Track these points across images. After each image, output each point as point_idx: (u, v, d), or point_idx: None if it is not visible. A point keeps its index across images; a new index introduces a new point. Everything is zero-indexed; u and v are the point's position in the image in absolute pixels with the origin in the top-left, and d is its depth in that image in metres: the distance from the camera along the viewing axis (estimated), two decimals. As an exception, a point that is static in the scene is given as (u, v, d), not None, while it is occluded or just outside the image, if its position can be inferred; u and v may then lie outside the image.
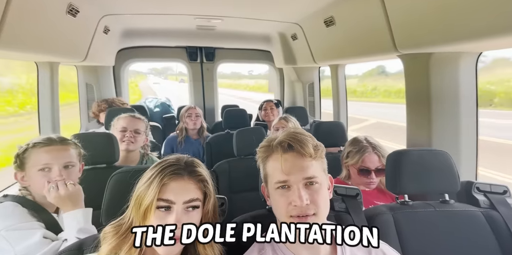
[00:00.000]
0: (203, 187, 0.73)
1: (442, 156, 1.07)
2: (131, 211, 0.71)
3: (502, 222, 0.96)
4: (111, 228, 0.71)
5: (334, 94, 2.80)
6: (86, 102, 2.95)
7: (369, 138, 1.45)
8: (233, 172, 1.81)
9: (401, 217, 1.00)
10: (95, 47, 2.28)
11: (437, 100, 1.36)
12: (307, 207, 0.68)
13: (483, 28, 1.01)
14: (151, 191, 0.68)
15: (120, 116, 1.65)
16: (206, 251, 0.74)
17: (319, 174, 0.72)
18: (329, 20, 1.98)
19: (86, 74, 2.91)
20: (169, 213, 0.68)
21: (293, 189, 0.69)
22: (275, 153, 0.74)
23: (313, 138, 0.75)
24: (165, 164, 0.72)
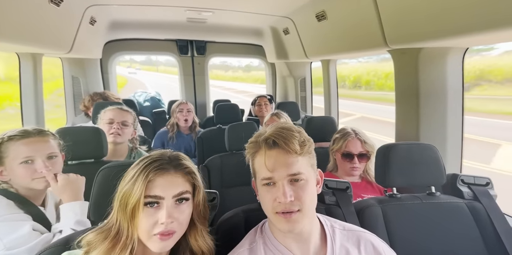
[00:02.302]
0: (192, 179, 0.72)
1: (429, 150, 1.10)
2: (117, 213, 0.68)
3: (484, 213, 1.00)
4: (97, 234, 0.68)
5: (325, 89, 2.81)
6: (72, 96, 2.86)
7: (354, 127, 1.53)
8: (225, 167, 1.81)
9: (389, 209, 1.03)
10: (81, 38, 2.21)
11: (425, 94, 1.38)
12: (292, 204, 0.67)
13: (470, 24, 1.03)
14: (137, 189, 0.65)
15: (107, 108, 1.62)
16: (198, 243, 0.74)
17: (305, 170, 0.71)
18: (320, 14, 1.97)
19: (72, 66, 2.82)
20: (159, 209, 0.66)
21: (277, 185, 0.69)
22: (261, 150, 0.73)
23: (301, 133, 0.74)
24: (149, 160, 0.69)
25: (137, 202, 0.65)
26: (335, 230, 0.78)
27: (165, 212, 0.65)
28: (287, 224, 0.68)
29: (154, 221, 0.65)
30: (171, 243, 0.68)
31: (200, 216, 0.75)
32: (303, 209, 0.68)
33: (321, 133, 1.84)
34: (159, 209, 0.66)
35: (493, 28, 0.97)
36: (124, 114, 1.60)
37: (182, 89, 3.76)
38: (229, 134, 1.78)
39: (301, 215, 0.68)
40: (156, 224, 0.65)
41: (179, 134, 2.60)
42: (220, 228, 0.89)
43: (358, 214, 1.02)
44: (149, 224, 0.65)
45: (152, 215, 0.66)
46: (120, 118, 1.57)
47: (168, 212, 0.65)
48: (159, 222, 0.65)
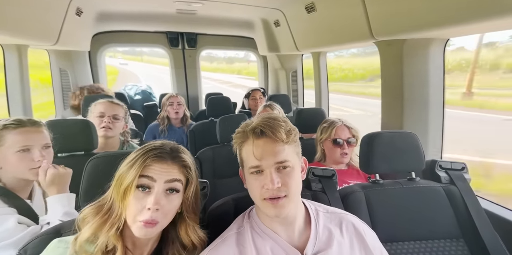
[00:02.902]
0: (186, 173, 0.74)
1: (410, 137, 1.15)
2: (112, 191, 0.71)
3: (458, 195, 1.07)
4: (91, 209, 0.71)
5: (316, 81, 2.85)
6: (61, 89, 2.82)
7: (339, 117, 1.62)
8: (217, 159, 1.84)
9: (372, 194, 1.08)
10: (67, 30, 2.17)
11: (409, 85, 1.43)
12: (279, 190, 0.71)
13: (450, 16, 1.07)
14: (133, 171, 0.68)
15: (98, 101, 1.60)
16: (189, 236, 0.76)
17: (291, 157, 0.74)
18: (310, 6, 1.99)
19: (59, 59, 2.77)
20: (148, 194, 0.68)
21: (265, 173, 0.72)
22: (249, 139, 0.75)
23: (287, 123, 0.77)
24: (150, 147, 0.72)
25: (130, 183, 0.67)
26: (319, 213, 0.82)
27: (154, 197, 0.67)
28: (275, 209, 0.71)
29: (142, 206, 0.68)
30: (154, 231, 0.70)
31: (190, 211, 0.76)
32: (289, 194, 0.72)
33: (312, 125, 1.88)
34: (149, 194, 0.69)
35: (471, 20, 1.01)
36: (115, 108, 1.58)
37: (173, 82, 3.73)
38: (221, 126, 1.81)
39: (287, 200, 0.71)
40: (143, 209, 0.68)
41: (170, 127, 2.60)
42: (211, 215, 0.92)
43: (343, 199, 1.07)
44: (136, 209, 0.68)
45: (141, 199, 0.68)
46: (111, 111, 1.56)
47: (156, 198, 0.68)
48: (146, 207, 0.67)
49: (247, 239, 0.75)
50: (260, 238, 0.76)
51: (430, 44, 1.39)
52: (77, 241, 0.68)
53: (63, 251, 0.67)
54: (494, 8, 0.91)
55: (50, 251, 0.68)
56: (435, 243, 1.03)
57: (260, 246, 0.74)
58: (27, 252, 0.74)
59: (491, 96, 5.79)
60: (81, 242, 0.67)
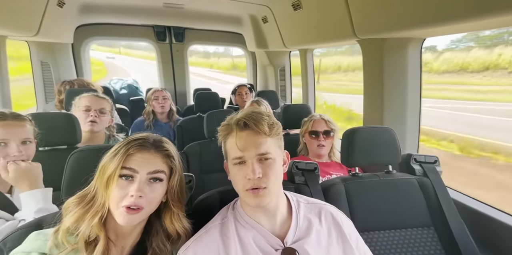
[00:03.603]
0: (169, 162, 0.75)
1: (387, 132, 1.21)
2: (96, 181, 0.72)
3: (430, 187, 1.14)
4: (74, 199, 0.72)
5: (303, 78, 2.89)
6: (42, 82, 2.74)
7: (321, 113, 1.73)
8: (204, 154, 1.86)
9: (351, 186, 1.14)
10: (49, 21, 2.11)
11: (389, 82, 1.50)
12: (260, 180, 0.74)
13: (426, 17, 1.13)
14: (116, 160, 0.69)
15: (83, 95, 1.57)
16: (174, 225, 0.77)
17: (273, 150, 0.76)
18: (296, 3, 2.02)
19: (40, 51, 2.68)
20: (131, 182, 0.69)
21: (247, 164, 0.75)
22: (233, 131, 0.77)
23: (270, 117, 0.80)
24: (133, 138, 0.73)
25: (113, 172, 0.68)
26: (300, 204, 0.86)
27: (136, 185, 0.68)
28: (255, 199, 0.74)
29: (124, 193, 0.69)
30: (137, 218, 0.70)
31: (175, 199, 0.77)
32: (269, 186, 0.75)
33: (298, 120, 1.93)
34: (132, 183, 0.69)
35: (446, 21, 1.07)
36: (101, 101, 1.56)
37: (160, 77, 3.68)
38: (208, 121, 1.82)
39: (267, 191, 0.75)
40: (126, 196, 0.68)
41: (156, 122, 2.58)
42: (196, 207, 0.95)
43: (324, 191, 1.12)
44: (119, 195, 0.68)
45: (124, 187, 0.69)
46: (97, 105, 1.53)
47: (139, 186, 0.68)
48: (129, 194, 0.68)
49: (231, 229, 0.78)
50: (243, 228, 0.78)
51: (408, 44, 1.45)
52: (59, 231, 0.68)
53: (42, 244, 0.67)
54: (466, 11, 0.97)
55: (28, 243, 0.67)
56: (408, 231, 1.10)
57: (243, 235, 0.77)
58: (7, 245, 0.74)
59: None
60: (63, 231, 0.68)
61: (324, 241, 0.80)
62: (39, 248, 0.66)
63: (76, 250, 0.67)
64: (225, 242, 0.76)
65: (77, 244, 0.67)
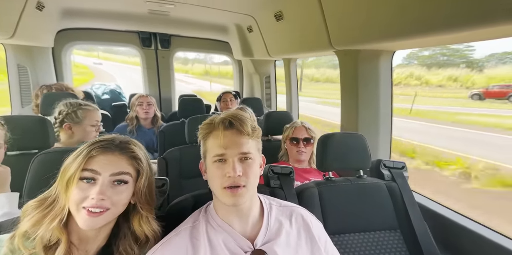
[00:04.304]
0: (136, 164, 0.74)
1: (359, 139, 1.27)
2: (57, 184, 0.70)
3: (397, 191, 1.20)
4: (34, 202, 0.69)
5: (287, 86, 2.97)
6: (18, 86, 2.66)
7: (302, 120, 1.79)
8: (184, 159, 1.85)
9: (324, 190, 1.18)
10: (26, 24, 2.06)
11: (363, 90, 1.58)
12: (239, 179, 0.75)
13: (395, 30, 1.20)
14: (77, 162, 0.66)
15: (88, 108, 1.54)
16: (142, 227, 0.76)
17: (253, 151, 0.79)
18: (278, 14, 2.09)
19: (17, 54, 2.60)
20: (93, 185, 0.67)
21: (228, 162, 0.76)
22: (216, 130, 0.79)
23: (252, 120, 0.83)
24: (96, 140, 0.72)
25: (73, 174, 0.66)
26: (272, 207, 0.89)
27: (98, 188, 0.66)
28: (233, 198, 0.75)
29: (85, 195, 0.66)
30: (100, 221, 0.68)
31: (143, 202, 0.76)
32: (248, 185, 0.77)
33: (280, 127, 1.97)
34: (93, 185, 0.67)
35: (412, 35, 1.15)
36: (100, 114, 1.59)
37: (145, 83, 3.65)
38: (190, 127, 1.82)
39: (245, 190, 0.76)
40: (86, 198, 0.66)
41: (139, 128, 2.56)
42: (170, 211, 0.95)
43: (298, 195, 1.15)
44: (79, 197, 0.66)
45: (84, 190, 0.67)
46: (100, 118, 1.57)
47: (101, 189, 0.66)
48: (90, 197, 0.66)
49: (201, 232, 0.79)
50: (214, 230, 0.79)
51: (380, 55, 1.54)
52: (15, 236, 0.65)
53: None
54: (430, 26, 1.04)
55: None
56: (376, 234, 1.15)
57: (213, 238, 0.78)
58: None
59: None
60: (19, 236, 0.65)
61: (293, 242, 0.82)
62: None
63: (34, 254, 0.64)
64: (194, 245, 0.76)
65: (34, 249, 0.64)
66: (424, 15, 1.03)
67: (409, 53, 10.62)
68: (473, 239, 1.13)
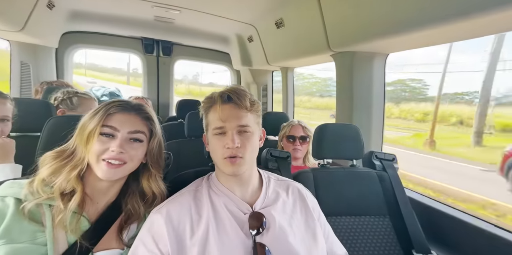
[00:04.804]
0: (149, 125, 0.79)
1: (353, 129, 1.33)
2: (75, 138, 0.73)
3: (388, 180, 1.26)
4: (52, 153, 0.72)
5: (283, 95, 3.08)
6: (19, 82, 2.69)
7: (299, 120, 1.83)
8: (182, 152, 1.87)
9: (319, 174, 1.22)
10: (35, 20, 2.11)
11: (357, 89, 1.68)
12: (237, 150, 0.78)
13: (388, 30, 1.31)
14: (96, 118, 0.70)
15: (84, 96, 1.53)
16: (151, 185, 0.80)
17: (252, 124, 0.81)
18: (279, 22, 2.24)
19: (22, 51, 2.65)
20: (112, 139, 0.71)
21: (228, 134, 0.80)
22: (215, 104, 0.81)
23: (252, 95, 0.86)
24: (113, 100, 0.76)
25: (93, 129, 0.70)
26: (271, 180, 0.93)
27: (118, 141, 0.70)
28: (232, 167, 0.78)
29: (105, 148, 0.70)
30: (118, 173, 0.71)
31: (154, 161, 0.80)
32: (245, 156, 0.80)
33: (276, 127, 2.02)
34: (113, 139, 0.71)
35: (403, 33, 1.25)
36: (97, 105, 1.59)
37: (144, 88, 3.73)
38: (189, 121, 1.86)
39: (243, 161, 0.79)
40: (107, 150, 0.70)
41: None
42: (172, 182, 0.97)
43: (294, 178, 1.19)
44: (100, 149, 0.70)
45: (105, 143, 0.71)
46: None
47: (120, 143, 0.71)
48: (110, 150, 0.70)
49: (204, 195, 0.82)
50: (216, 195, 0.83)
51: (374, 57, 1.65)
52: (34, 181, 0.68)
53: (17, 191, 0.67)
54: (418, 23, 1.14)
55: (3, 189, 0.67)
56: (366, 218, 1.18)
57: (215, 200, 0.81)
58: None
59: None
60: (38, 180, 0.68)
61: (289, 210, 0.85)
62: (14, 194, 0.66)
63: (51, 199, 0.68)
64: (197, 205, 0.79)
65: (52, 194, 0.68)
66: (412, 16, 1.14)
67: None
68: (454, 224, 1.19)
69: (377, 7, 1.28)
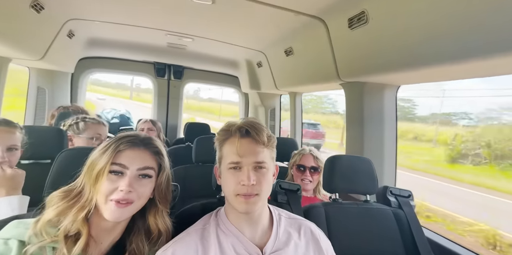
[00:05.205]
0: (159, 159, 0.78)
1: (366, 163, 1.29)
2: (83, 177, 0.72)
3: (405, 219, 1.19)
4: (59, 193, 0.71)
5: (291, 119, 3.08)
6: (35, 106, 2.77)
7: (311, 147, 1.77)
8: (188, 178, 1.84)
9: (331, 210, 1.17)
10: (56, 49, 2.21)
11: (368, 119, 1.65)
12: (253, 188, 0.76)
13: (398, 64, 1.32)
14: (106, 156, 0.70)
15: (89, 121, 1.57)
16: (157, 221, 0.78)
17: (268, 160, 0.80)
18: (288, 50, 2.29)
19: (39, 77, 2.75)
20: (121, 178, 0.71)
21: (243, 170, 0.78)
22: (233, 137, 0.80)
23: (268, 129, 0.86)
24: (122, 136, 0.76)
25: (103, 168, 0.69)
26: (281, 218, 0.89)
27: (127, 180, 0.70)
28: (246, 205, 0.76)
29: (114, 187, 0.70)
30: (126, 214, 0.71)
31: (162, 196, 0.79)
32: (261, 193, 0.78)
33: (284, 154, 1.99)
34: (122, 177, 0.71)
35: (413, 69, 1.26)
36: (105, 129, 1.62)
37: (154, 109, 3.81)
38: (197, 146, 1.85)
39: (258, 198, 0.77)
40: (115, 190, 0.70)
41: None
42: (178, 216, 0.94)
43: (305, 213, 1.14)
44: (109, 189, 0.69)
45: (114, 182, 0.70)
46: (105, 133, 1.59)
47: (129, 181, 0.70)
48: (119, 189, 0.69)
49: (212, 234, 0.79)
50: (224, 234, 0.79)
51: (384, 88, 1.65)
52: (39, 222, 0.67)
53: (22, 232, 0.65)
54: (431, 61, 1.14)
55: (8, 230, 0.66)
56: None
57: (223, 241, 0.77)
58: None
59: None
60: (44, 222, 0.66)
61: (301, 253, 0.80)
62: (18, 236, 0.64)
63: (55, 242, 0.66)
64: (204, 246, 0.76)
65: (56, 236, 0.66)
66: (424, 51, 1.15)
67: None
68: None
69: (389, 41, 1.30)
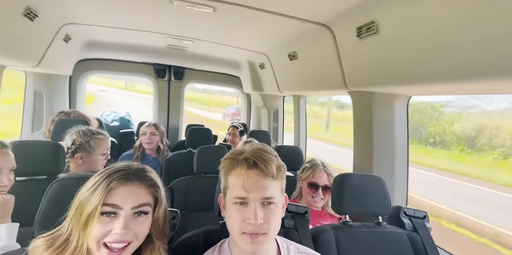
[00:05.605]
0: (154, 192, 0.71)
1: (378, 182, 1.23)
2: (70, 221, 0.66)
3: (420, 243, 1.13)
4: (42, 242, 0.65)
5: (295, 122, 3.00)
6: (32, 111, 2.70)
7: (323, 159, 1.65)
8: (190, 190, 1.79)
9: (341, 235, 1.11)
10: (52, 54, 2.14)
11: (377, 132, 1.56)
12: (260, 227, 0.70)
13: (410, 77, 1.24)
14: (96, 197, 0.63)
15: (101, 137, 1.55)
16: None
17: (276, 194, 0.75)
18: (292, 55, 2.20)
19: (36, 81, 2.67)
20: (115, 219, 0.64)
21: (250, 206, 0.71)
22: (239, 168, 0.75)
23: (277, 158, 0.78)
24: (112, 170, 0.69)
25: (93, 210, 0.63)
26: (290, 252, 0.83)
27: (122, 222, 0.63)
28: (252, 245, 0.70)
29: (107, 230, 0.63)
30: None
31: (159, 231, 0.73)
32: (269, 233, 0.72)
33: (289, 162, 1.92)
34: (115, 219, 0.64)
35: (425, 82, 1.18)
36: (109, 141, 1.61)
37: (155, 111, 3.74)
38: (199, 157, 1.79)
39: (266, 237, 0.71)
40: (109, 233, 0.63)
41: (144, 156, 2.54)
42: (179, 247, 0.89)
43: (314, 238, 1.08)
44: (101, 233, 0.63)
45: (106, 224, 0.64)
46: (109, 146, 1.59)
47: (124, 222, 0.64)
48: (113, 232, 0.63)
49: None
50: None
51: (395, 99, 1.56)
52: None
53: None
54: (442, 76, 1.07)
55: None
56: None
57: None
58: None
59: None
60: None
61: None
62: None
63: None
64: None
65: None
66: (438, 65, 1.07)
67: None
68: None
69: (400, 52, 1.22)
